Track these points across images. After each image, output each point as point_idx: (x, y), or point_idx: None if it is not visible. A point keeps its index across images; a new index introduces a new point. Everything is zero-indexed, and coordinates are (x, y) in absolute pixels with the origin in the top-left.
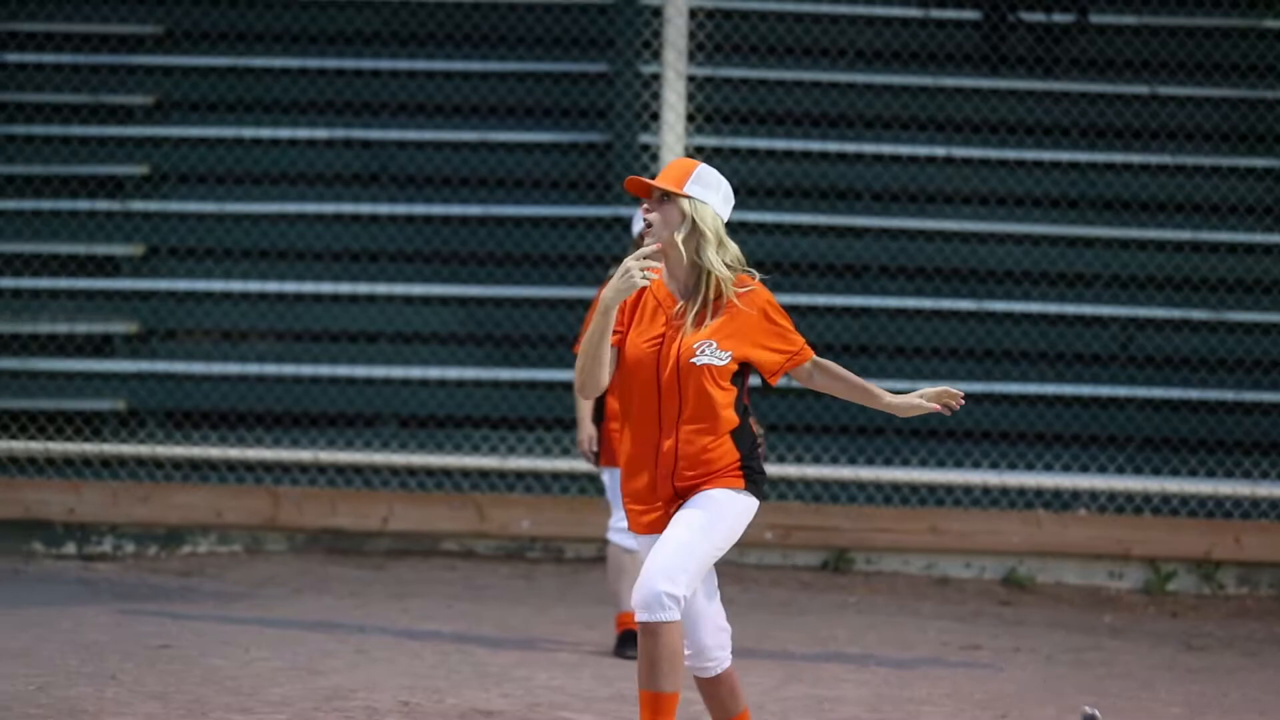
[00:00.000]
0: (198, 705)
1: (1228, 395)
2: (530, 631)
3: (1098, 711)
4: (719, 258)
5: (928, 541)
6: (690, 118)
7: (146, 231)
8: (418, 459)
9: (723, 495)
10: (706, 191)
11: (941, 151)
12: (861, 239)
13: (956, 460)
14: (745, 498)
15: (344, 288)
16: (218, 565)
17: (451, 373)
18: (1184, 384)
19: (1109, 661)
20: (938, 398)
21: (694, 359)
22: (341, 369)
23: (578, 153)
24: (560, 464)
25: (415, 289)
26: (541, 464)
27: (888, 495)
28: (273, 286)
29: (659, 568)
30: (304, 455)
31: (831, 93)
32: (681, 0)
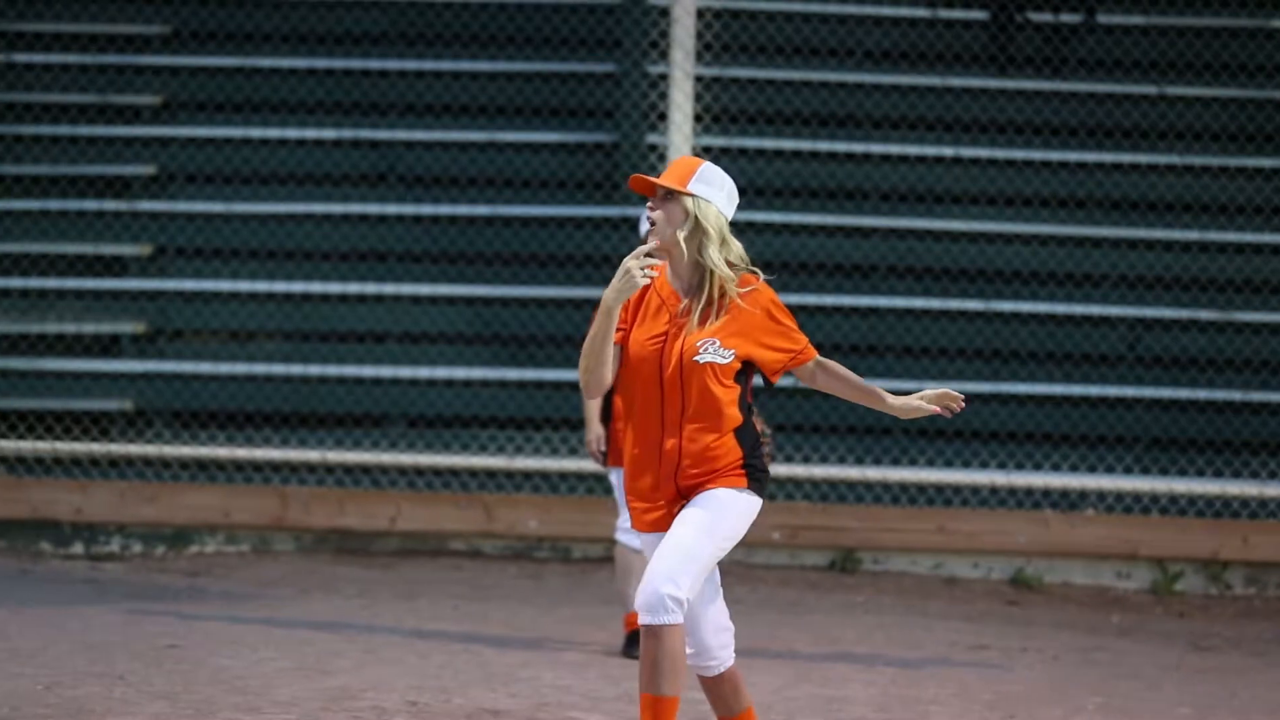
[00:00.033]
0: (206, 705)
1: (1235, 395)
2: (538, 631)
3: None
4: (721, 256)
5: (935, 541)
6: (698, 118)
7: (154, 231)
8: (425, 459)
9: (726, 495)
10: (710, 190)
11: (949, 152)
12: (869, 239)
13: (964, 460)
14: (748, 497)
15: (352, 288)
16: (225, 565)
17: (459, 373)
18: (1191, 384)
19: (1116, 662)
20: (938, 400)
21: (697, 357)
22: (349, 369)
23: (585, 153)
24: (568, 464)
25: (423, 289)
26: (549, 464)
27: (895, 495)
28: (280, 286)
29: (662, 570)
30: (312, 455)
31: (839, 93)
32: (689, 0)
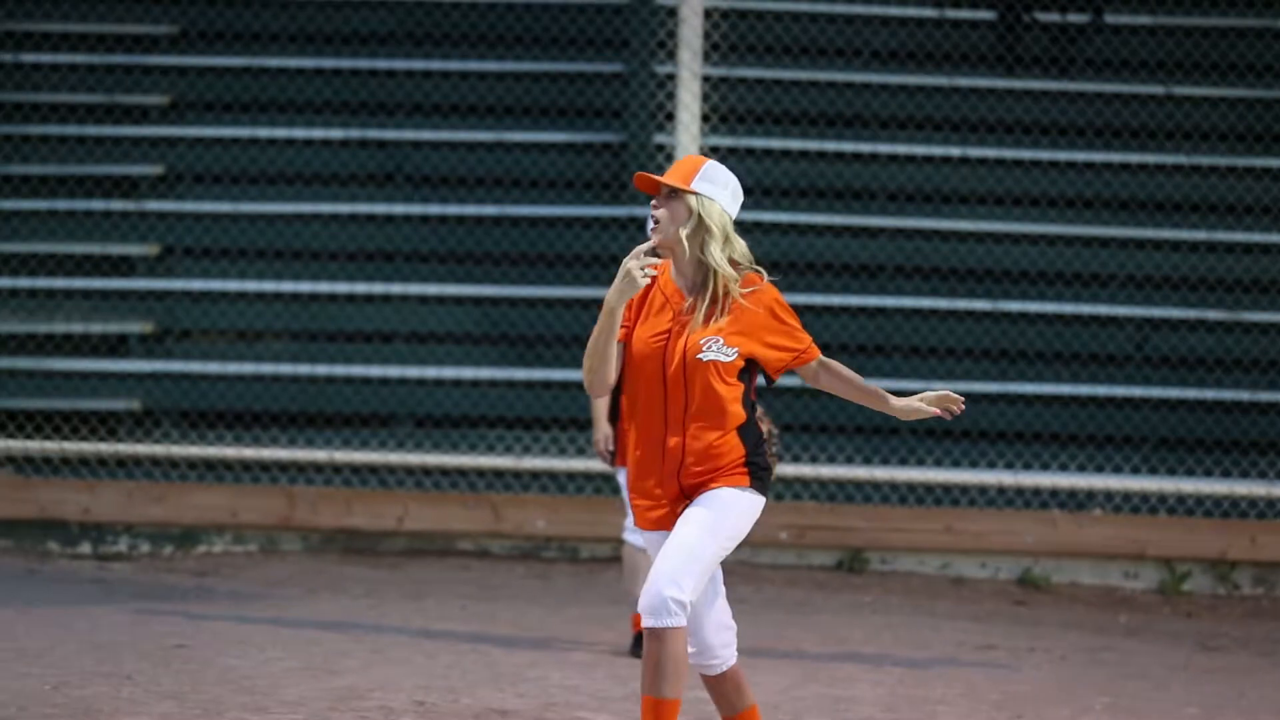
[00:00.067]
0: (213, 705)
1: (1243, 395)
2: (545, 631)
3: None
4: (724, 254)
5: (943, 541)
6: (705, 118)
7: (161, 231)
8: (433, 459)
9: (728, 494)
10: (714, 188)
11: (956, 152)
12: (876, 239)
13: (972, 460)
14: (751, 495)
15: (359, 288)
16: (233, 565)
17: (467, 373)
18: (1199, 384)
19: (1124, 662)
20: (938, 402)
21: (700, 355)
22: (357, 369)
23: (593, 153)
24: (575, 464)
25: (430, 289)
26: (557, 464)
27: (903, 495)
28: (288, 286)
29: (665, 573)
30: (319, 455)
31: (846, 93)
32: (696, 0)
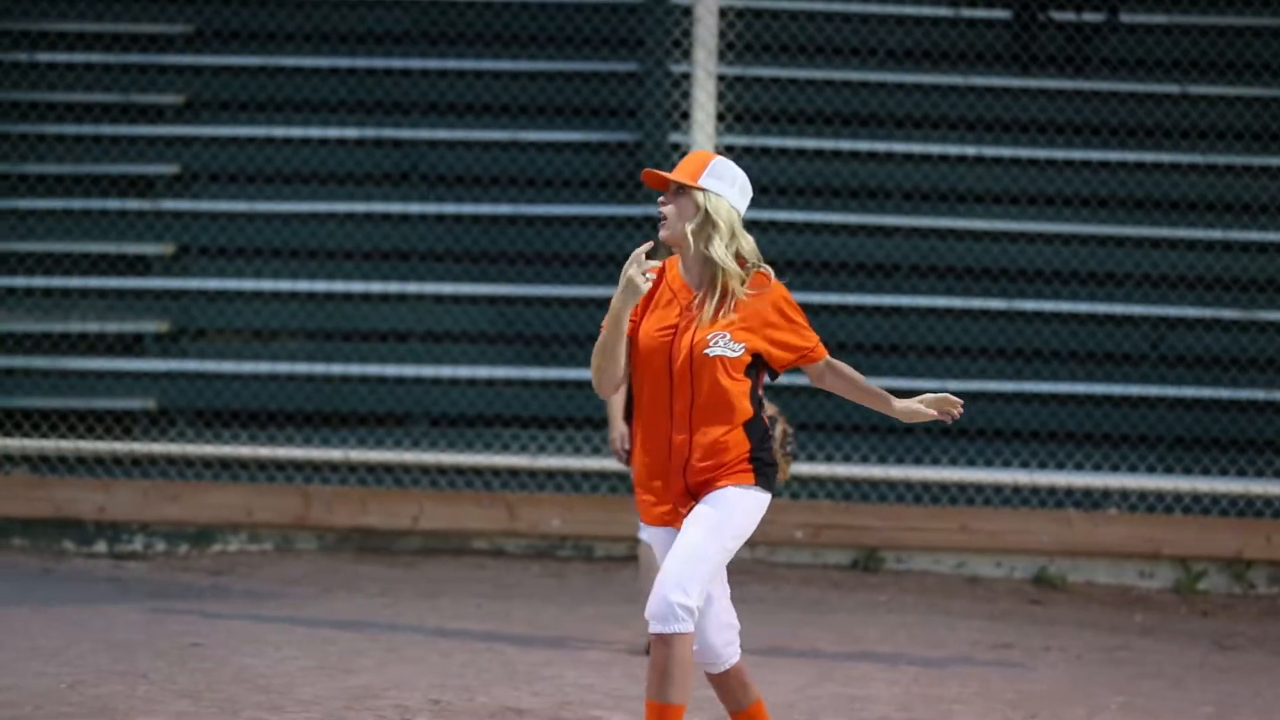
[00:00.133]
0: (229, 704)
1: (1259, 394)
2: (560, 630)
3: None
4: (728, 251)
5: (958, 541)
6: (720, 117)
7: (177, 230)
8: (448, 458)
9: (733, 493)
10: (721, 184)
11: (971, 151)
12: (891, 238)
13: (987, 459)
14: (756, 493)
15: (374, 287)
16: (248, 564)
17: (482, 372)
18: (1215, 383)
19: (1140, 661)
20: (937, 404)
21: (707, 350)
22: (372, 368)
23: (608, 152)
24: (590, 463)
25: (445, 288)
26: (572, 463)
27: (918, 494)
28: (303, 286)
29: (672, 577)
30: (334, 454)
31: (862, 92)
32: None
